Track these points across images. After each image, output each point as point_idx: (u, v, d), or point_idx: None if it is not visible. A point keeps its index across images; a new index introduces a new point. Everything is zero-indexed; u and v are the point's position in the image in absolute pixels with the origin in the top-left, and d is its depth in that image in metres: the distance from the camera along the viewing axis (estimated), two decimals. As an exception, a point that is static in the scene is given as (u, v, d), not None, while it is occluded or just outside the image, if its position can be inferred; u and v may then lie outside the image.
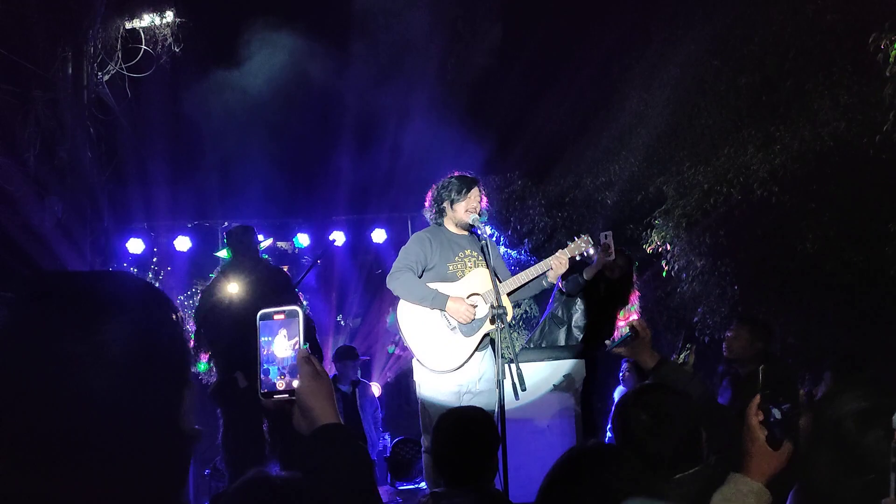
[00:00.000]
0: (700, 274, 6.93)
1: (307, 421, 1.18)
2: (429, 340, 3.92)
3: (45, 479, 0.75)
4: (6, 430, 0.75)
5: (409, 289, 3.90)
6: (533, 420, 4.54)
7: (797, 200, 6.36)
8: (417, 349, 3.93)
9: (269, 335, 1.23)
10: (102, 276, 0.86)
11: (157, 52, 7.84)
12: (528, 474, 4.32)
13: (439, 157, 8.33)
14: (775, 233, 6.59)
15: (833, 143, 6.08)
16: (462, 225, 4.09)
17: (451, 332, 3.92)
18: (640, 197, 7.81)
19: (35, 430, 0.76)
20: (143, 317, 0.83)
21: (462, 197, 4.02)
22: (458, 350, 3.91)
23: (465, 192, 4.03)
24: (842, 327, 5.77)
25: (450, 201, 4.05)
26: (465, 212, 4.01)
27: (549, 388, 4.69)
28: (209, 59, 8.27)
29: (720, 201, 6.79)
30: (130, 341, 0.80)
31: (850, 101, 6.01)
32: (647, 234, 7.33)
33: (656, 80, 7.63)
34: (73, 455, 0.76)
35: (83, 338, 0.78)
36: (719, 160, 6.92)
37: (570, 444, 4.68)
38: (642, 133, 7.76)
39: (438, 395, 3.92)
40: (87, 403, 0.77)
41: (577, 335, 5.20)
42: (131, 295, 0.84)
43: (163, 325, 0.85)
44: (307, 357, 1.21)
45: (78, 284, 0.83)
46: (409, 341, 3.95)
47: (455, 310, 3.83)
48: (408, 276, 3.92)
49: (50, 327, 0.78)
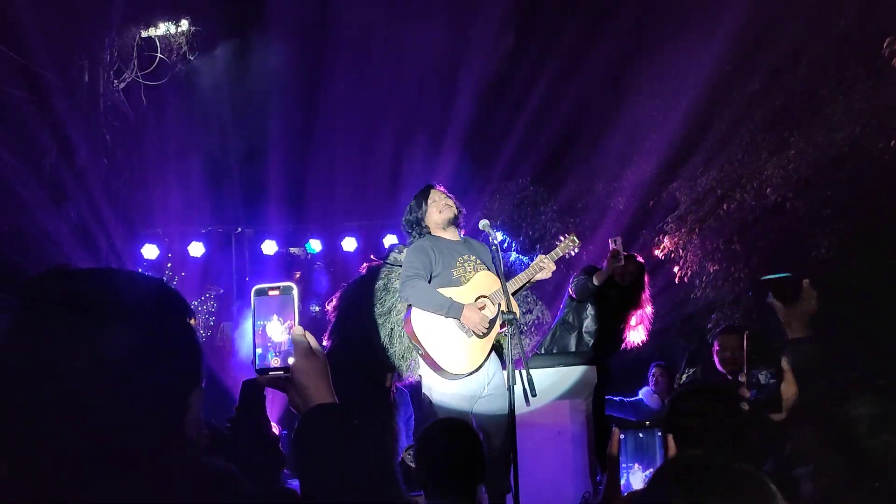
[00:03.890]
0: (713, 280, 6.89)
1: (302, 400, 1.15)
2: (446, 344, 3.90)
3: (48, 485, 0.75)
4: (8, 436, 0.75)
5: (424, 297, 3.90)
6: (544, 426, 4.53)
7: (811, 206, 6.32)
8: (436, 354, 3.90)
9: (263, 318, 1.21)
10: (110, 276, 0.84)
11: (172, 59, 7.93)
12: (541, 480, 4.33)
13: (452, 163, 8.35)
14: (789, 239, 6.54)
15: (847, 149, 6.04)
16: (449, 223, 4.10)
17: (467, 335, 3.91)
18: (652, 202, 7.78)
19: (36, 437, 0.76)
20: (151, 323, 0.82)
21: (426, 205, 4.10)
22: (476, 352, 3.92)
23: (424, 200, 4.11)
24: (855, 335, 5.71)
25: (420, 215, 4.11)
26: (440, 212, 4.07)
27: (560, 393, 4.67)
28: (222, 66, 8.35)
29: (733, 207, 6.75)
30: (135, 350, 0.79)
31: (865, 106, 5.98)
32: (659, 240, 7.31)
33: (668, 85, 7.62)
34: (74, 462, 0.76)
35: (85, 348, 0.77)
36: (732, 165, 6.89)
37: (582, 451, 4.67)
38: (655, 138, 7.74)
39: (450, 400, 3.91)
40: (89, 412, 0.76)
41: (588, 341, 5.17)
42: (140, 299, 0.83)
43: (171, 332, 0.84)
44: (302, 334, 1.18)
45: (83, 287, 0.82)
46: (427, 347, 3.91)
47: (471, 319, 3.82)
48: (422, 284, 3.91)
49: (50, 336, 0.77)
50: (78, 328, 0.78)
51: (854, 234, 6.02)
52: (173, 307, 0.86)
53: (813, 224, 6.27)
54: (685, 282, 7.01)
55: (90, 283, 0.82)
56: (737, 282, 6.82)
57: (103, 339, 0.78)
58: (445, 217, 4.06)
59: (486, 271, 4.03)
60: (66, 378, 0.76)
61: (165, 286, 0.86)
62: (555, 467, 4.57)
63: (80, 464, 0.77)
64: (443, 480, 2.46)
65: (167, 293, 0.85)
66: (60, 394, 0.76)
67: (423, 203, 4.12)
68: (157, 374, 0.81)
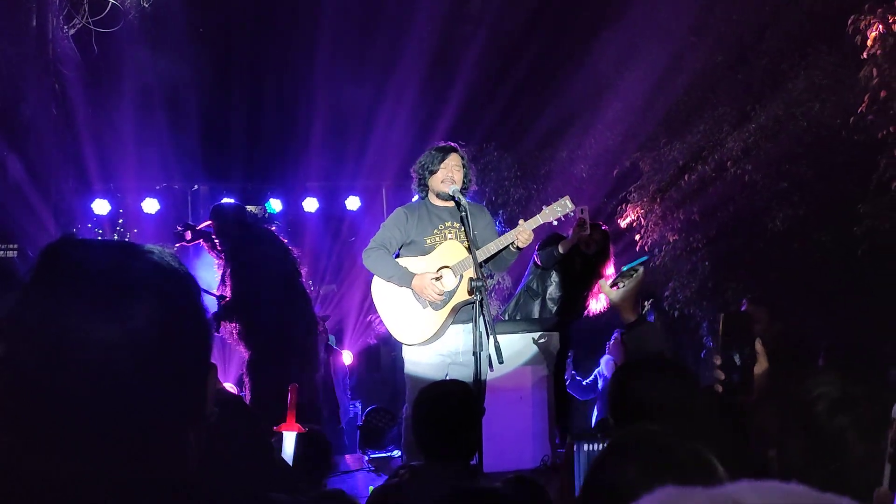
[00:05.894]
0: (672, 249, 7.01)
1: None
2: (400, 314, 4.01)
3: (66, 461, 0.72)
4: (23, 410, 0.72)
5: (379, 266, 4.01)
6: (506, 391, 4.59)
7: (769, 179, 6.45)
8: (389, 322, 4.04)
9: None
10: (135, 252, 0.81)
11: (126, 6, 7.56)
12: (502, 444, 4.40)
13: (415, 126, 8.25)
14: (746, 210, 6.68)
15: (806, 124, 6.15)
16: (443, 196, 4.08)
17: (422, 306, 3.98)
18: (615, 171, 7.84)
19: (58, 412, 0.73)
20: (173, 299, 0.80)
21: (438, 167, 4.05)
22: (428, 323, 3.96)
23: (440, 160, 4.04)
24: (808, 306, 5.91)
25: (428, 172, 4.08)
26: (442, 182, 4.03)
27: (524, 360, 4.74)
28: (179, 14, 8.00)
29: (694, 178, 6.85)
30: (159, 326, 0.77)
31: (825, 82, 6.08)
32: (621, 209, 7.39)
33: (634, 53, 7.61)
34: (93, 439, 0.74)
35: (111, 320, 0.74)
36: (695, 136, 6.97)
37: (542, 415, 4.76)
38: (618, 107, 7.76)
39: (423, 366, 4.00)
40: (114, 387, 0.74)
41: (552, 308, 5.24)
42: (162, 274, 0.80)
43: (191, 310, 0.82)
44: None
45: (106, 260, 0.79)
46: (383, 315, 4.06)
47: (419, 287, 3.88)
48: (379, 254, 4.00)
49: (73, 308, 0.74)
50: (102, 300, 0.75)
51: (810, 207, 6.17)
52: (191, 284, 0.83)
53: (770, 197, 6.41)
54: (645, 250, 7.12)
55: (112, 256, 0.79)
56: (694, 251, 6.96)
57: (129, 311, 0.76)
58: (444, 190, 4.03)
59: (454, 241, 4.03)
60: (91, 350, 0.73)
61: (183, 265, 0.83)
62: (516, 431, 4.66)
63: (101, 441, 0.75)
64: (439, 446, 2.45)
65: (186, 273, 0.83)
66: (86, 367, 0.73)
67: (437, 162, 4.05)
68: (181, 351, 0.80)
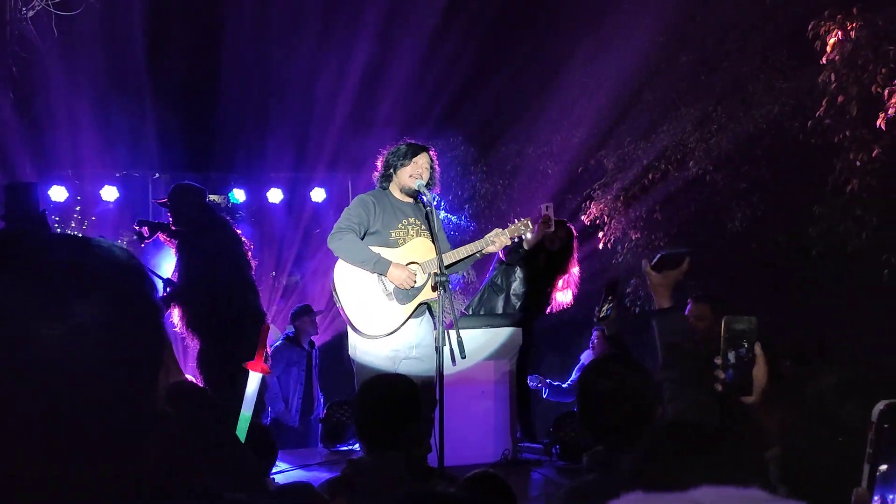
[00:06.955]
0: (635, 247, 7.12)
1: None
2: (363, 304, 3.91)
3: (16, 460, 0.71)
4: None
5: (351, 250, 3.88)
6: (469, 385, 4.62)
7: (729, 179, 6.59)
8: (351, 312, 3.92)
9: None
10: (80, 244, 0.80)
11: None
12: (463, 437, 4.43)
13: (383, 119, 8.22)
14: (707, 210, 6.82)
15: (766, 126, 6.29)
16: (406, 191, 4.06)
17: (387, 298, 3.92)
18: (581, 168, 7.91)
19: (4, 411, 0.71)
20: (124, 296, 0.78)
21: (408, 161, 4.01)
22: (392, 316, 3.92)
23: (412, 156, 4.02)
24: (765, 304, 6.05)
25: (399, 164, 4.04)
26: (410, 177, 4.00)
27: (487, 354, 4.76)
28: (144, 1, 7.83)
29: (657, 177, 6.96)
30: (108, 322, 0.75)
31: (785, 86, 6.23)
32: (585, 206, 7.47)
33: (602, 53, 7.69)
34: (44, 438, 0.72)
35: (59, 317, 0.73)
36: (658, 136, 7.07)
37: (504, 410, 4.80)
38: (585, 105, 7.83)
39: (373, 360, 3.93)
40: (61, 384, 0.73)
41: (515, 303, 5.28)
42: (112, 270, 0.79)
43: (143, 307, 0.80)
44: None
45: (54, 254, 0.77)
46: (343, 304, 3.93)
47: (397, 276, 3.83)
48: (351, 237, 3.89)
49: (21, 303, 0.73)
50: (51, 296, 0.74)
51: (768, 208, 6.32)
52: (143, 282, 0.82)
53: (730, 197, 6.55)
54: (608, 248, 7.21)
55: (59, 251, 0.78)
56: (656, 250, 7.06)
57: (78, 308, 0.74)
58: (410, 186, 4.00)
59: (424, 239, 4.01)
60: (38, 347, 0.72)
61: (135, 259, 0.82)
62: (477, 425, 4.69)
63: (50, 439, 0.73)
64: (380, 434, 2.47)
65: (137, 267, 0.81)
66: (32, 364, 0.72)
67: (408, 157, 4.03)
68: (131, 346, 0.78)
